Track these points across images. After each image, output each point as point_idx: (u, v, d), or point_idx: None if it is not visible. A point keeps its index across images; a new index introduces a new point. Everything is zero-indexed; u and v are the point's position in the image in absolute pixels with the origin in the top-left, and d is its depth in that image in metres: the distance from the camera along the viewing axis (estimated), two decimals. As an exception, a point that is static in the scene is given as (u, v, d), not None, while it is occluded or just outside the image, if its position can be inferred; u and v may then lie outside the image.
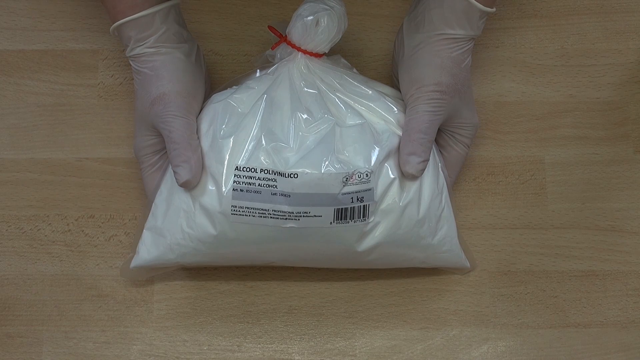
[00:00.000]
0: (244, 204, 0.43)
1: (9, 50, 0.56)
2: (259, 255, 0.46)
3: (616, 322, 0.51)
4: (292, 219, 0.43)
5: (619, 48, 0.56)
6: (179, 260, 0.46)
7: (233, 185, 0.43)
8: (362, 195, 0.43)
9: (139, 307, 0.51)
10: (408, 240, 0.46)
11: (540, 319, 0.51)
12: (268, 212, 0.43)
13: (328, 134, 0.44)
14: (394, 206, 0.45)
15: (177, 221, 0.45)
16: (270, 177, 0.43)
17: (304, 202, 0.43)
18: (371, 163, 0.44)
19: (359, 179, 0.43)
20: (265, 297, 0.51)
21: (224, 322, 0.51)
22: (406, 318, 0.51)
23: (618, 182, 0.54)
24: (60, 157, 0.54)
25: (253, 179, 0.43)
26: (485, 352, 0.50)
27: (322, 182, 0.43)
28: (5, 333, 0.50)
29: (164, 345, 0.50)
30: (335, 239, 0.44)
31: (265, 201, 0.43)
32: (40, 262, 0.52)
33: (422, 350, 0.50)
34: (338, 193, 0.43)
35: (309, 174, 0.43)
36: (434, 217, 0.46)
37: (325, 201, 0.43)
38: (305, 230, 0.44)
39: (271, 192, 0.43)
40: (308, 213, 0.43)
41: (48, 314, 0.51)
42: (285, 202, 0.43)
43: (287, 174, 0.43)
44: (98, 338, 0.50)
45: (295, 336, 0.51)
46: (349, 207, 0.43)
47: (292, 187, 0.43)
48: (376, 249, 0.45)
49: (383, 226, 0.45)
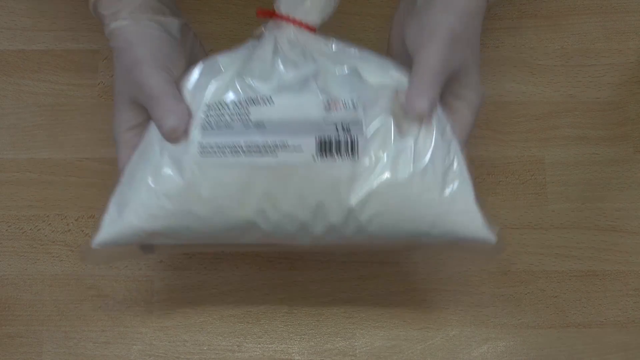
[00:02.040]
0: (213, 140, 0.38)
1: (9, 50, 0.56)
2: (233, 210, 0.38)
3: (616, 322, 0.51)
4: (268, 154, 0.37)
5: (619, 48, 0.56)
6: (146, 227, 0.39)
7: (202, 122, 0.38)
8: (349, 126, 0.38)
9: (139, 307, 0.51)
10: (409, 190, 0.38)
11: (540, 319, 0.51)
12: (241, 147, 0.38)
13: (311, 75, 0.40)
14: (388, 147, 0.38)
15: (143, 178, 0.39)
16: (243, 108, 0.38)
17: (280, 131, 0.38)
18: (359, 96, 0.39)
19: (344, 108, 0.38)
20: (265, 297, 0.51)
21: (224, 322, 0.51)
22: (406, 318, 0.51)
23: (618, 182, 0.54)
24: (60, 157, 0.54)
25: (224, 113, 0.38)
26: (485, 352, 0.50)
27: (301, 106, 0.38)
28: (5, 333, 0.50)
29: (164, 345, 0.50)
30: (321, 183, 0.38)
31: (237, 134, 0.38)
32: (40, 262, 0.52)
33: (422, 350, 0.50)
34: (320, 118, 0.38)
35: (286, 98, 0.38)
36: (440, 167, 0.39)
37: (305, 129, 0.38)
38: (285, 170, 0.37)
39: (244, 123, 0.38)
40: (286, 144, 0.37)
41: (48, 314, 0.51)
42: (260, 132, 0.38)
43: (261, 98, 0.38)
44: (98, 338, 0.50)
45: (295, 336, 0.51)
46: (334, 138, 0.37)
47: (268, 114, 0.38)
48: (371, 202, 0.38)
49: (377, 171, 0.38)
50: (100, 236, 0.40)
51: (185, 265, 0.52)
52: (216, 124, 0.38)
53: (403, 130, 0.39)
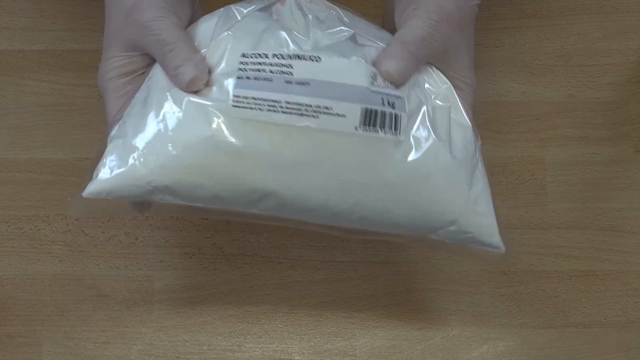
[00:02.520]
0: (249, 93, 0.34)
1: (9, 50, 0.56)
2: (256, 174, 0.35)
3: (616, 322, 0.51)
4: (309, 115, 0.34)
5: (619, 48, 0.56)
6: (154, 180, 0.34)
7: (237, 72, 0.35)
8: (394, 101, 0.35)
9: (139, 307, 0.51)
10: (444, 180, 0.36)
11: (540, 319, 0.51)
12: (280, 104, 0.34)
13: (348, 40, 0.37)
14: (427, 132, 0.36)
15: (156, 126, 0.35)
16: (286, 63, 0.35)
17: (326, 93, 0.34)
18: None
19: (384, 83, 0.36)
20: (265, 297, 0.51)
21: (224, 322, 0.51)
22: (406, 318, 0.51)
23: (618, 182, 0.54)
24: (60, 157, 0.54)
25: (263, 65, 0.35)
26: (485, 352, 0.50)
27: (350, 71, 0.35)
28: (5, 333, 0.50)
29: (164, 345, 0.50)
30: (357, 155, 0.35)
31: (277, 90, 0.34)
32: (40, 262, 0.52)
33: (422, 350, 0.50)
34: (368, 87, 0.35)
35: (334, 59, 0.35)
36: (469, 165, 0.37)
37: (352, 95, 0.34)
38: (323, 136, 0.34)
39: (285, 79, 0.34)
40: (330, 109, 0.34)
41: (48, 314, 0.51)
42: (303, 91, 0.34)
43: (308, 56, 0.35)
44: (98, 338, 0.50)
45: (295, 336, 0.51)
46: (379, 110, 0.35)
47: (313, 73, 0.34)
48: (407, 184, 0.36)
49: (417, 153, 0.36)
50: (96, 184, 0.35)
51: (185, 265, 0.52)
52: (254, 76, 0.34)
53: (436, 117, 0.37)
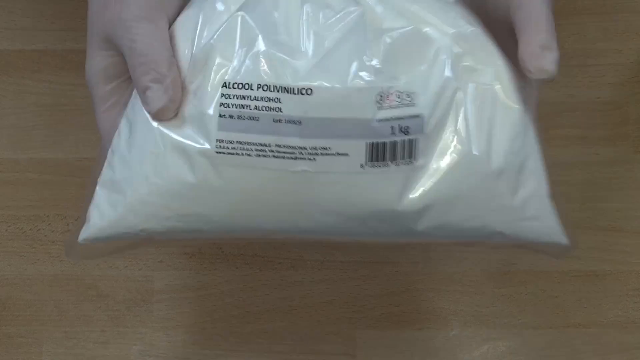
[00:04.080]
0: (234, 136, 0.30)
1: (9, 50, 0.56)
2: (255, 218, 0.31)
3: (616, 322, 0.51)
4: (304, 158, 0.30)
5: (619, 48, 0.56)
6: (146, 227, 0.32)
7: (219, 109, 0.30)
8: (407, 125, 0.30)
9: (139, 307, 0.51)
10: (477, 199, 0.31)
11: (540, 319, 0.51)
12: (269, 147, 0.30)
13: (354, 30, 0.30)
14: (457, 145, 0.30)
15: (142, 169, 0.31)
16: (273, 96, 0.30)
17: (322, 133, 0.29)
18: (417, 76, 0.30)
19: (399, 100, 0.30)
20: (265, 297, 0.51)
21: (224, 322, 0.51)
22: (406, 318, 0.51)
23: (618, 182, 0.54)
24: (60, 157, 0.54)
25: (247, 100, 0.30)
26: (485, 352, 0.50)
27: (348, 101, 0.29)
28: (4, 333, 0.50)
29: (164, 346, 0.50)
30: (367, 192, 0.30)
31: (265, 131, 0.30)
32: (40, 262, 0.52)
33: (422, 350, 0.50)
34: (372, 119, 0.29)
35: (329, 89, 0.29)
36: (515, 167, 0.31)
37: (353, 131, 0.29)
38: (324, 178, 0.30)
39: (274, 117, 0.29)
40: (328, 149, 0.29)
41: (48, 314, 0.51)
42: (295, 131, 0.29)
43: (297, 89, 0.29)
44: (98, 338, 0.50)
45: (295, 336, 0.51)
46: (387, 142, 0.29)
47: (304, 109, 0.29)
48: (428, 212, 0.30)
49: (438, 176, 0.30)
50: (89, 231, 0.33)
51: (185, 265, 0.52)
52: (238, 114, 0.30)
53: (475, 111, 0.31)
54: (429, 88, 0.30)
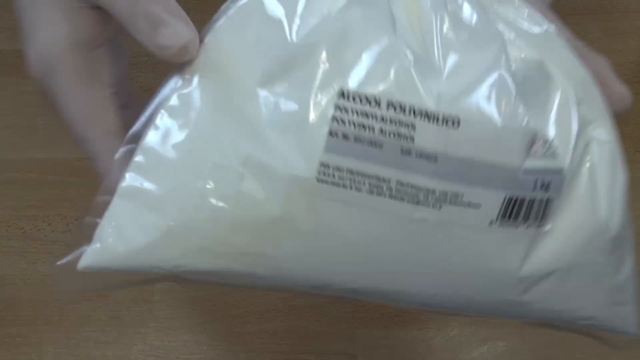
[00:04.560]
0: (345, 163, 0.23)
1: (9, 50, 0.56)
2: (340, 273, 0.24)
3: (616, 322, 0.51)
4: (428, 205, 0.23)
5: (619, 48, 0.56)
6: (186, 262, 0.24)
7: (330, 125, 0.22)
8: (549, 180, 0.24)
9: (139, 307, 0.51)
10: (588, 272, 0.26)
11: (540, 319, 0.51)
12: (388, 184, 0.23)
13: (498, 57, 0.24)
14: (586, 209, 0.25)
15: (196, 185, 0.23)
16: (406, 120, 0.23)
17: (459, 176, 0.23)
18: (550, 123, 0.24)
19: (544, 149, 0.24)
20: (265, 297, 0.51)
21: (224, 322, 0.51)
22: (406, 318, 0.51)
23: (618, 182, 0.54)
24: (60, 157, 0.54)
25: (371, 119, 0.23)
26: (485, 352, 0.50)
27: (499, 142, 0.23)
28: (5, 333, 0.50)
29: (164, 346, 0.50)
30: (488, 254, 0.25)
31: (387, 163, 0.23)
32: (40, 262, 0.52)
33: (422, 350, 0.50)
34: (519, 168, 0.24)
35: (481, 124, 0.23)
36: (624, 239, 0.27)
37: (495, 179, 0.24)
38: (444, 231, 0.24)
39: (402, 147, 0.23)
40: (460, 197, 0.23)
41: (48, 314, 0.51)
42: (427, 169, 0.23)
43: (442, 117, 0.23)
44: (98, 338, 0.50)
45: (295, 336, 0.51)
46: (527, 198, 0.24)
47: (444, 144, 0.23)
48: (547, 279, 0.25)
49: (564, 240, 0.25)
50: (99, 256, 0.24)
51: (186, 265, 0.52)
52: (354, 135, 0.22)
53: (596, 170, 0.26)
54: (563, 138, 0.24)
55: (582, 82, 0.26)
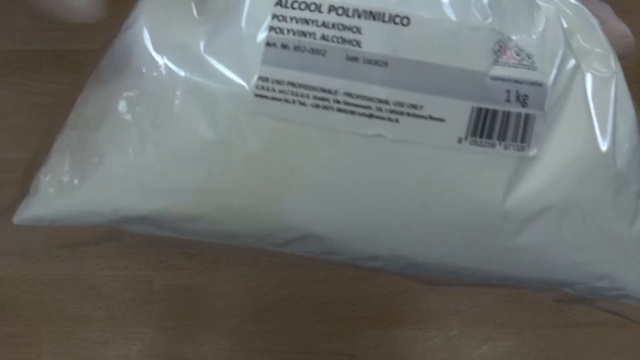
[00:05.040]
0: (285, 74, 0.20)
1: (9, 50, 0.56)
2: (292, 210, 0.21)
3: (616, 322, 0.51)
4: (383, 118, 0.21)
5: (619, 48, 0.56)
6: (124, 205, 0.21)
7: (268, 35, 0.20)
8: (526, 93, 0.21)
9: (139, 307, 0.51)
10: (591, 213, 0.22)
11: (540, 319, 0.51)
12: (335, 96, 0.20)
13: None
14: (581, 136, 0.22)
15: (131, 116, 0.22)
16: (350, 23, 0.20)
17: (414, 83, 0.20)
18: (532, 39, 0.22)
19: (518, 58, 0.21)
20: (265, 297, 0.51)
21: (224, 322, 0.51)
22: (406, 318, 0.51)
23: (618, 182, 0.54)
24: (60, 157, 0.54)
25: (312, 25, 0.20)
26: (485, 353, 0.50)
27: (458, 42, 0.21)
28: (4, 333, 0.50)
29: (163, 346, 0.50)
30: (463, 180, 0.21)
31: (333, 72, 0.20)
32: (40, 262, 0.52)
33: (422, 351, 0.50)
34: (486, 73, 0.21)
35: (434, 21, 0.20)
36: (635, 182, 0.23)
37: (458, 86, 0.21)
38: (405, 151, 0.21)
39: (348, 53, 0.20)
40: (418, 108, 0.20)
41: (48, 314, 0.51)
42: (377, 76, 0.20)
43: (389, 16, 0.20)
44: (98, 338, 0.50)
45: (295, 336, 0.51)
46: (500, 111, 0.21)
47: (394, 46, 0.20)
48: (542, 218, 0.22)
49: (557, 172, 0.22)
50: (34, 207, 0.23)
51: (185, 265, 0.52)
52: (295, 43, 0.20)
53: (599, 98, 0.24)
54: (545, 56, 0.22)
55: (576, 13, 0.24)
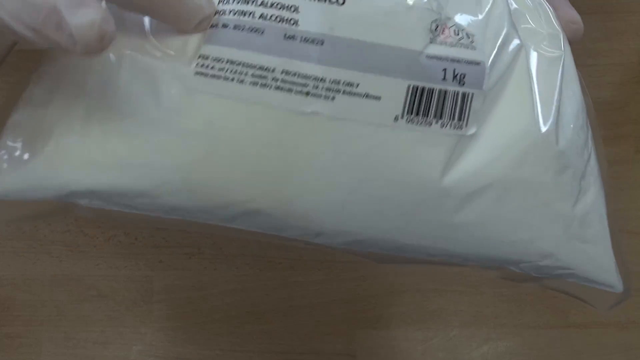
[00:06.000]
0: (225, 53, 0.21)
1: None
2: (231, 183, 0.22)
3: (616, 322, 0.51)
4: (320, 95, 0.21)
5: (619, 48, 0.56)
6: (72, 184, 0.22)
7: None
8: (464, 72, 0.22)
9: (139, 307, 0.51)
10: (532, 192, 0.23)
11: (540, 319, 0.51)
12: (273, 74, 0.21)
13: None
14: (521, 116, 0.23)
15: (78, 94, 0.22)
16: (288, 3, 0.21)
17: (350, 61, 0.21)
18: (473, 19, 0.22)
19: (456, 37, 0.22)
20: (265, 297, 0.51)
21: (224, 322, 0.51)
22: (406, 318, 0.51)
23: (618, 182, 0.54)
24: (59, 157, 0.54)
25: (250, 5, 0.21)
26: (485, 353, 0.50)
27: (393, 21, 0.21)
28: (4, 333, 0.50)
29: (163, 346, 0.50)
30: (398, 157, 0.21)
31: (270, 50, 0.21)
32: (40, 262, 0.52)
33: (422, 351, 0.50)
34: (421, 52, 0.21)
35: (367, 0, 0.21)
36: (579, 162, 0.24)
37: (393, 64, 0.21)
38: (341, 129, 0.21)
39: (286, 32, 0.21)
40: (354, 86, 0.21)
41: (47, 314, 0.51)
42: (313, 54, 0.21)
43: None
44: (98, 338, 0.50)
45: (295, 336, 0.50)
46: (436, 89, 0.21)
47: (330, 25, 0.21)
48: (480, 197, 0.22)
49: (496, 151, 0.22)
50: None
51: (185, 265, 0.52)
52: (234, 22, 0.21)
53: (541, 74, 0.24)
54: (487, 36, 0.22)
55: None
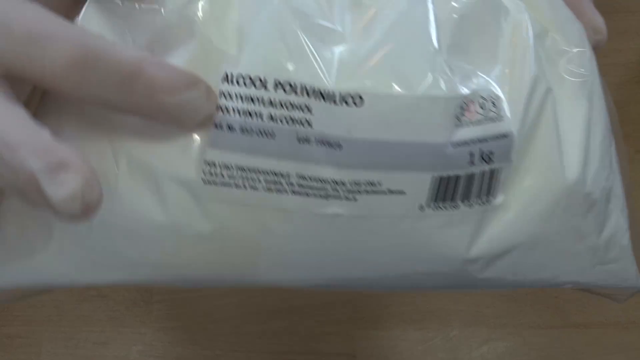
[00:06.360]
0: (234, 159, 0.19)
1: (8, 49, 0.56)
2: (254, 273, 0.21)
3: (616, 322, 0.51)
4: (339, 197, 0.19)
5: (619, 48, 0.56)
6: (82, 281, 0.21)
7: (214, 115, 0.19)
8: (491, 150, 0.20)
9: (138, 307, 0.51)
10: (560, 239, 0.22)
11: (540, 319, 0.51)
12: (288, 179, 0.19)
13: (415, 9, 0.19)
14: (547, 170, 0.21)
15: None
16: (299, 102, 0.19)
17: (370, 162, 0.19)
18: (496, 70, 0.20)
19: (482, 112, 0.20)
20: (265, 297, 0.51)
21: (224, 322, 0.51)
22: (406, 318, 0.51)
23: (618, 182, 0.54)
24: (59, 157, 0.54)
25: (258, 104, 0.19)
26: (485, 353, 0.50)
27: (415, 116, 0.19)
28: (4, 333, 0.50)
29: (163, 346, 0.50)
30: (425, 243, 0.21)
31: (283, 155, 0.19)
32: (40, 262, 0.52)
33: (422, 351, 0.50)
34: (446, 143, 0.19)
35: (389, 98, 0.19)
36: (605, 191, 0.22)
37: (417, 160, 0.19)
38: (366, 225, 0.20)
39: (298, 135, 0.19)
40: (376, 185, 0.19)
41: (47, 315, 0.51)
42: (330, 158, 0.19)
43: (340, 95, 0.18)
44: (98, 338, 0.50)
45: (296, 336, 0.50)
46: (462, 175, 0.20)
47: (348, 127, 0.19)
48: (504, 258, 0.21)
49: (522, 213, 0.21)
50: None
51: (185, 265, 0.52)
52: (241, 124, 0.18)
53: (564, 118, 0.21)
54: (515, 88, 0.20)
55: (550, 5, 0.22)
